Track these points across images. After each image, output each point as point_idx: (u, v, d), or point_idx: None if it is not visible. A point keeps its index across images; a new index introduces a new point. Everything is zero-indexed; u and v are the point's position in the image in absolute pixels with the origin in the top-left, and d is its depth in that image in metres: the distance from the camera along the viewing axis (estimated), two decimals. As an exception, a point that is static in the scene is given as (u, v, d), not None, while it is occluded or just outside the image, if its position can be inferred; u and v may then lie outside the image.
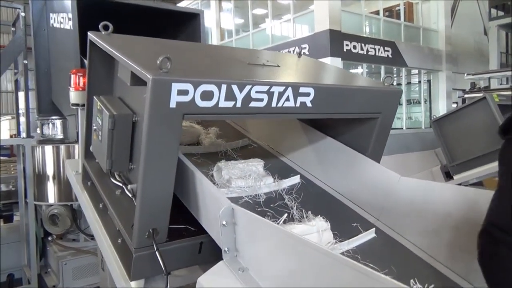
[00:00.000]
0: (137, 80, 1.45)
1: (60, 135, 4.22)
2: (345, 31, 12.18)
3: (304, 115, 1.76)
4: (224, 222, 1.31)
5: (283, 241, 1.19)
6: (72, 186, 2.40)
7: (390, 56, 13.55)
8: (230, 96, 1.46)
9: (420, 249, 1.71)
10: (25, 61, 3.86)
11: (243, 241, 1.35)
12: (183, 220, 1.72)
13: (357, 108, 1.90)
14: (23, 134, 4.97)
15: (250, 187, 1.92)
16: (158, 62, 1.30)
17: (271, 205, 1.83)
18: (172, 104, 1.34)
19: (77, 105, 2.52)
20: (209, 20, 16.15)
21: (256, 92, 1.52)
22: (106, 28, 1.80)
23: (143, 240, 1.50)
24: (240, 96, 1.48)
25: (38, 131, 4.36)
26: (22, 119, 5.08)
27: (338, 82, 2.15)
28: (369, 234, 1.77)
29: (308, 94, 1.67)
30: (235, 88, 1.46)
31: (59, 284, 4.20)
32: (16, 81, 4.35)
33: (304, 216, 1.76)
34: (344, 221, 1.85)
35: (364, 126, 2.04)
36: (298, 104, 1.66)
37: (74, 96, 2.52)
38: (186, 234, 1.67)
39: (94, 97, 1.84)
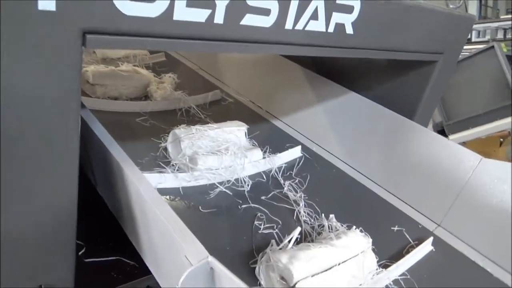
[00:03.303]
0: None
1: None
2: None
3: (340, 50, 0.94)
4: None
5: None
6: None
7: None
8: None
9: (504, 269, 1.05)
10: None
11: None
12: (115, 244, 0.95)
13: (414, 43, 1.13)
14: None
15: (228, 168, 1.20)
16: None
17: (262, 198, 1.17)
18: (48, 4, 0.51)
19: None
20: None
21: None
22: None
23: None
24: (222, 1, 0.67)
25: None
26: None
27: None
28: (424, 248, 1.09)
29: (349, 9, 0.87)
30: None
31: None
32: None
33: (326, 222, 1.08)
34: (380, 227, 1.16)
35: (411, 74, 1.29)
36: (331, 29, 0.86)
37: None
38: (117, 276, 0.90)
39: None
